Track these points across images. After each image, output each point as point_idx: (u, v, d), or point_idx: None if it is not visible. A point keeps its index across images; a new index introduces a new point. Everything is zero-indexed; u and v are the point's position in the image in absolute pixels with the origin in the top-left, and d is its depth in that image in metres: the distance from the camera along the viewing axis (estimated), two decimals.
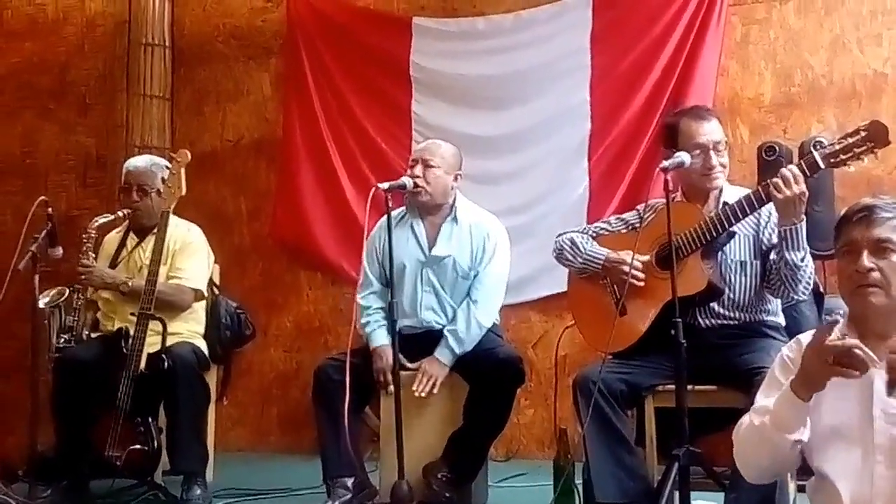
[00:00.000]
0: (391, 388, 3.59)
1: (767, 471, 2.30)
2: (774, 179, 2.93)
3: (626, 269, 3.18)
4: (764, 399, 2.25)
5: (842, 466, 2.11)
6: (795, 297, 3.12)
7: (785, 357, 2.29)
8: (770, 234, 3.16)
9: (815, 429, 2.16)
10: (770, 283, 3.14)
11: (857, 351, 1.98)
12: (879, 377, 2.10)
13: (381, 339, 3.76)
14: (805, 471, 2.27)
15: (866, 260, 2.14)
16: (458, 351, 3.71)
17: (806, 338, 2.30)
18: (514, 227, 4.43)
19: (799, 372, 2.10)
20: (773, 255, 3.11)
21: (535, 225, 5.05)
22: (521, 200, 5.18)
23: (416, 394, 3.65)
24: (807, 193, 2.93)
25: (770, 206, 3.06)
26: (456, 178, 3.90)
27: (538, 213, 5.16)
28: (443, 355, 3.71)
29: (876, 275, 2.14)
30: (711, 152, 3.23)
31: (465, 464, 3.67)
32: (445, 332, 3.74)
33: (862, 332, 2.17)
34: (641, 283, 3.21)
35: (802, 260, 3.01)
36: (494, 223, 3.91)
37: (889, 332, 2.15)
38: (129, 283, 3.98)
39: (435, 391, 3.68)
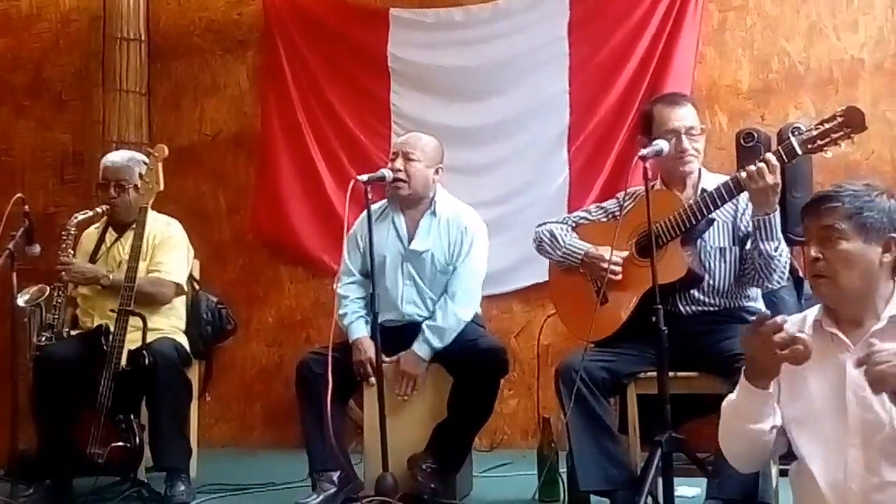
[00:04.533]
0: (372, 380, 3.59)
1: (752, 458, 2.32)
2: (749, 168, 2.95)
3: (605, 265, 3.19)
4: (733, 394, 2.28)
5: (817, 449, 2.14)
6: (770, 286, 3.15)
7: None
8: (748, 222, 3.17)
9: (792, 413, 2.18)
10: (745, 272, 3.16)
11: (799, 336, 2.01)
12: (852, 361, 2.11)
13: (359, 330, 3.75)
14: (788, 456, 2.29)
15: (813, 250, 2.17)
16: (435, 345, 3.70)
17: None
18: (495, 218, 4.44)
19: (748, 363, 2.11)
20: (747, 246, 3.12)
21: (516, 216, 5.05)
22: (501, 191, 5.18)
23: (399, 398, 3.67)
24: (780, 184, 2.95)
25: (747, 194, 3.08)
26: (437, 172, 3.89)
27: (519, 203, 5.16)
28: (420, 349, 3.70)
29: (821, 264, 2.15)
30: (683, 136, 3.24)
31: (450, 455, 3.68)
32: (424, 326, 3.73)
33: (835, 317, 2.20)
34: (619, 278, 3.22)
35: (776, 250, 3.03)
36: (472, 217, 3.91)
37: (861, 317, 2.17)
38: (110, 277, 3.96)
39: (416, 392, 3.70)
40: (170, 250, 4.09)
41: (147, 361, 3.75)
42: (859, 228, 2.14)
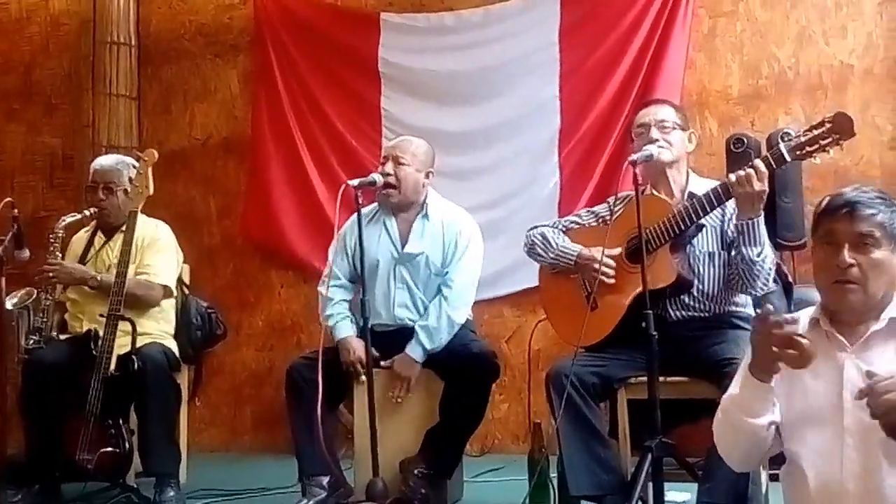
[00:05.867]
0: (363, 377, 3.58)
1: (748, 456, 2.30)
2: (739, 172, 2.96)
3: (598, 266, 3.19)
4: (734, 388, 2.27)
5: (812, 449, 2.13)
6: (754, 292, 3.15)
7: None
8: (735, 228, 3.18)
9: (787, 412, 2.18)
10: (729, 278, 3.17)
11: (797, 339, 2.00)
12: (850, 361, 2.12)
13: (345, 330, 3.76)
14: (777, 460, 2.29)
15: (847, 255, 2.12)
16: (429, 347, 3.70)
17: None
18: (486, 222, 4.44)
19: (752, 354, 2.11)
20: (732, 251, 3.13)
21: (507, 220, 5.05)
22: (492, 196, 5.19)
23: (393, 400, 3.66)
24: (767, 190, 2.97)
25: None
26: (427, 176, 3.89)
27: (510, 208, 5.17)
28: (414, 352, 3.70)
29: (855, 270, 2.12)
30: (653, 128, 3.27)
31: (442, 460, 3.67)
32: (417, 327, 3.73)
33: (834, 318, 2.19)
34: (612, 281, 3.23)
35: (759, 255, 3.04)
36: (467, 220, 3.91)
37: (862, 321, 2.16)
38: (99, 278, 3.94)
39: (410, 394, 3.69)
40: (158, 253, 4.07)
41: (136, 366, 3.73)
42: (889, 237, 2.13)
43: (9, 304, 4.09)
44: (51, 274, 3.95)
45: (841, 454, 2.09)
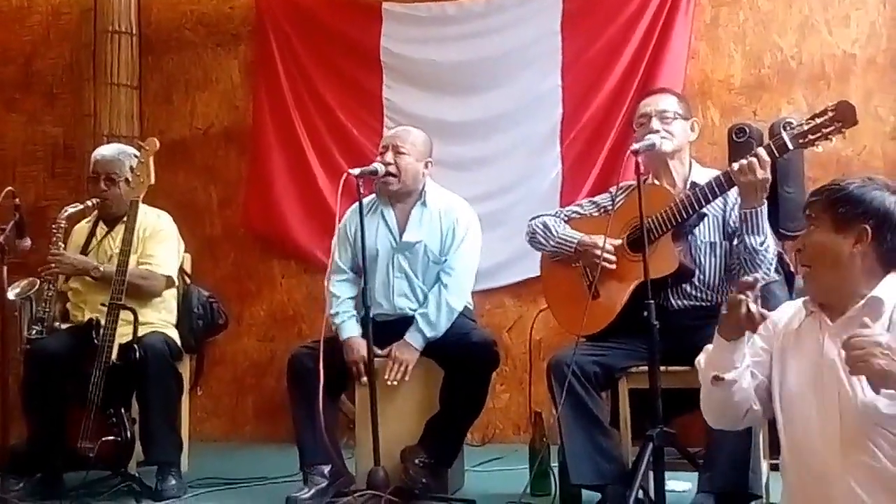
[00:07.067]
0: (365, 379, 3.58)
1: (727, 414, 2.41)
2: (741, 161, 2.97)
3: (599, 252, 3.19)
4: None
5: (798, 426, 2.21)
6: None
7: (758, 335, 2.37)
8: (737, 217, 3.18)
9: (780, 391, 2.27)
10: (731, 266, 3.17)
11: (749, 305, 2.23)
12: (829, 337, 2.18)
13: (351, 330, 3.75)
14: (777, 449, 2.31)
15: (799, 240, 2.31)
16: (429, 335, 3.70)
17: (777, 315, 2.37)
18: (488, 213, 4.44)
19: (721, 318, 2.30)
20: (735, 240, 3.13)
21: (509, 211, 5.04)
22: (493, 186, 5.17)
23: (388, 382, 3.64)
24: (769, 179, 2.97)
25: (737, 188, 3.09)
26: (427, 165, 3.89)
27: (511, 198, 5.16)
28: (414, 339, 3.70)
29: (803, 254, 2.28)
30: (654, 118, 3.27)
31: (443, 449, 3.68)
32: (416, 315, 3.73)
33: (821, 304, 2.26)
34: (613, 266, 3.22)
35: (762, 244, 3.04)
36: (464, 208, 3.91)
37: (844, 304, 2.21)
38: (101, 269, 3.95)
39: (406, 378, 3.68)
40: (160, 243, 4.08)
41: (137, 355, 3.74)
42: (831, 220, 2.22)
43: (11, 295, 4.08)
44: (53, 264, 3.96)
45: (825, 428, 2.15)
